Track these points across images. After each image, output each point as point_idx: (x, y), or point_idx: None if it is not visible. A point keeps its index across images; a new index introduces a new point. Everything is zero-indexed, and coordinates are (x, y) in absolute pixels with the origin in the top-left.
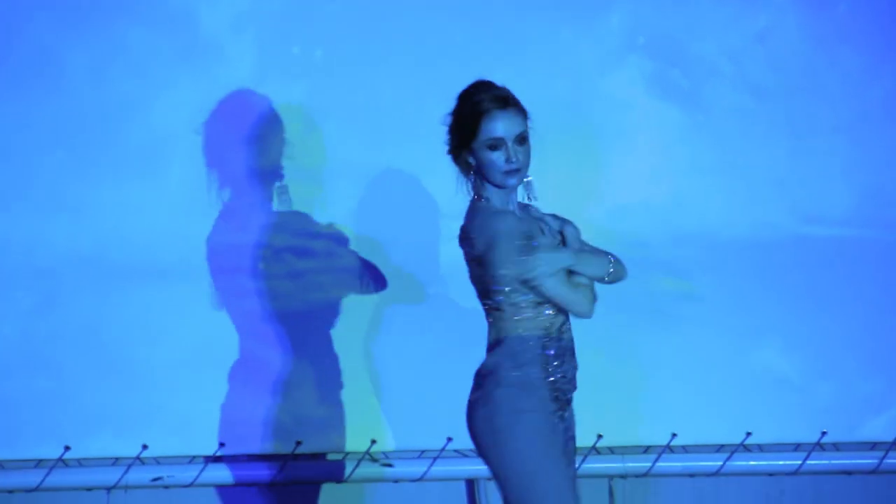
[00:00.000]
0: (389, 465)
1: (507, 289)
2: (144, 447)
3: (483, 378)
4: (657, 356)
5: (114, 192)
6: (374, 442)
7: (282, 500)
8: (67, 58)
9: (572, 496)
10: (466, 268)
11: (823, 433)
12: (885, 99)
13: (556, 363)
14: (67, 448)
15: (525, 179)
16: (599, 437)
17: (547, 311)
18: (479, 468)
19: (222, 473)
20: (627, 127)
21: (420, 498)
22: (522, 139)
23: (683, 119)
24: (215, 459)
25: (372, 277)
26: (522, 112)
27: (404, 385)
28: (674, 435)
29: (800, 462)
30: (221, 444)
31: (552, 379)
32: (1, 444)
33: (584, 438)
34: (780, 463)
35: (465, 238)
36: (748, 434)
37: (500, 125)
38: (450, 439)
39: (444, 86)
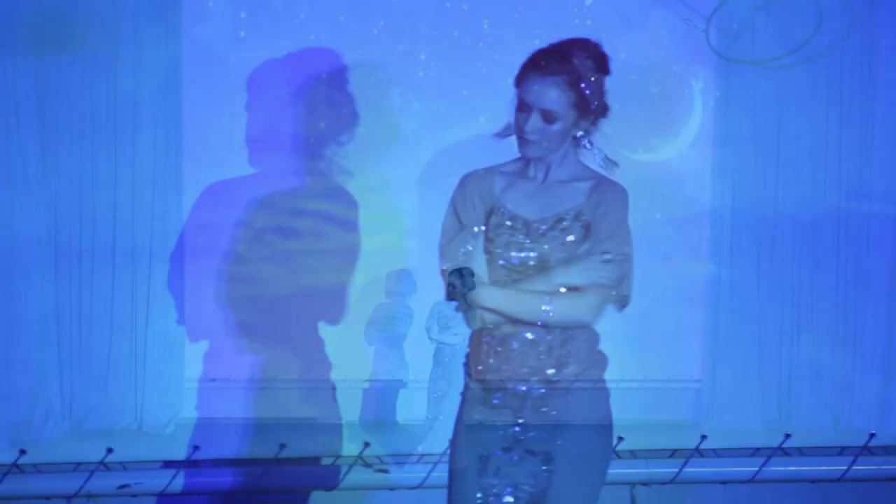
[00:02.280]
0: (385, 471)
1: None
2: (109, 451)
3: None
4: (684, 347)
5: (69, 162)
6: (367, 444)
7: None
8: (18, 12)
9: None
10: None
11: (872, 435)
12: None
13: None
14: (23, 452)
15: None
16: (620, 439)
17: None
18: None
19: (197, 480)
20: (652, 89)
21: None
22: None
23: (715, 80)
24: (189, 465)
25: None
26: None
27: (402, 382)
28: (703, 437)
29: (845, 467)
30: (196, 448)
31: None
32: None
33: None
34: (824, 468)
35: None
36: (787, 436)
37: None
38: None
39: (445, 43)
